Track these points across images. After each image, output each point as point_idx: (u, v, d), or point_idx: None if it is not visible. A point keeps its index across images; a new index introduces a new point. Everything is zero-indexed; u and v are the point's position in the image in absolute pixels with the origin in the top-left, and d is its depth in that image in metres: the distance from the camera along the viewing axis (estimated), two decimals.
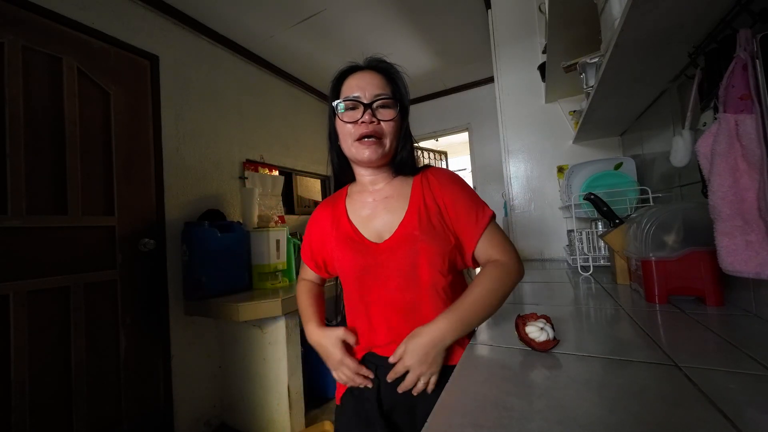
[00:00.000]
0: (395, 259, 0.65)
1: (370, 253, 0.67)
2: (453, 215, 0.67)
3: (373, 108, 0.66)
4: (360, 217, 0.72)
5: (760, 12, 0.52)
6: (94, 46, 1.56)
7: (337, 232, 0.72)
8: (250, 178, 2.28)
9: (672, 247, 0.74)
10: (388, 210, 0.70)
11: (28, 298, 1.29)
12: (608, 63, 0.76)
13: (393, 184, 0.74)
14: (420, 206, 0.68)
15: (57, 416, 1.34)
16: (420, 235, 0.65)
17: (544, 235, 1.68)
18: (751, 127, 0.48)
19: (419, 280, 0.65)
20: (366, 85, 0.67)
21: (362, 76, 0.69)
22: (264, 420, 1.72)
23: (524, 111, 1.74)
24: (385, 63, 0.71)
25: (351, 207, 0.75)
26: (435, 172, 0.74)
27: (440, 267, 0.64)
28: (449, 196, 0.68)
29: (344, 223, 0.73)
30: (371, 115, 0.66)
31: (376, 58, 0.72)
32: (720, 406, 0.35)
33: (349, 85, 0.69)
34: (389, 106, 0.68)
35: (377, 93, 0.67)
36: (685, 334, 0.57)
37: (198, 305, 1.71)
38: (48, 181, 1.38)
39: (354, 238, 0.70)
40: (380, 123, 0.67)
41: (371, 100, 0.66)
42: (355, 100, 0.67)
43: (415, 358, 0.58)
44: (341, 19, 2.12)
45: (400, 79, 0.71)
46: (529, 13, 1.72)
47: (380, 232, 0.69)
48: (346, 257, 0.69)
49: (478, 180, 3.21)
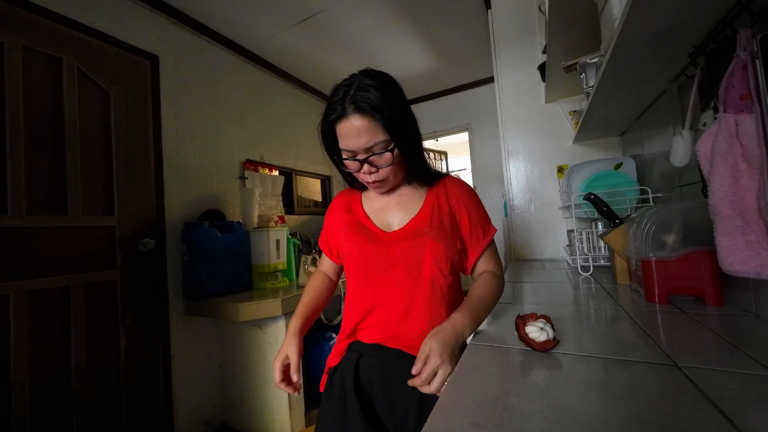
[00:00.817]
0: (401, 249, 0.68)
1: (377, 240, 0.70)
2: (464, 223, 0.72)
3: (369, 161, 0.66)
4: (373, 208, 0.77)
5: (760, 12, 0.52)
6: (94, 46, 1.56)
7: (349, 218, 0.76)
8: (250, 178, 2.28)
9: (672, 247, 0.74)
10: (402, 206, 0.74)
11: (28, 298, 1.29)
12: (608, 63, 0.76)
13: (409, 187, 0.77)
14: (434, 207, 0.72)
15: (57, 416, 1.34)
16: (429, 232, 0.68)
17: (544, 235, 1.67)
18: (751, 127, 0.48)
19: (421, 274, 0.67)
20: (356, 138, 0.63)
21: (349, 129, 0.63)
22: (264, 420, 1.72)
23: (524, 111, 1.74)
24: (370, 99, 0.61)
25: (366, 199, 0.79)
26: (453, 181, 0.77)
27: (443, 266, 0.67)
28: (464, 205, 0.73)
29: (357, 210, 0.77)
30: (369, 167, 0.66)
31: (361, 94, 0.62)
32: (720, 406, 0.35)
33: (341, 133, 0.65)
34: (384, 151, 0.65)
35: (368, 146, 0.64)
36: (685, 334, 0.57)
37: (198, 305, 1.71)
38: (48, 181, 1.38)
39: (364, 225, 0.74)
40: (379, 170, 0.67)
41: (365, 155, 0.65)
42: (349, 156, 0.66)
43: (445, 356, 0.54)
44: (341, 19, 2.12)
45: (389, 105, 0.63)
46: (529, 13, 1.72)
47: (391, 224, 0.73)
48: (352, 240, 0.72)
49: (478, 180, 3.21)
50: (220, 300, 1.65)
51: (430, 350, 0.55)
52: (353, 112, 0.63)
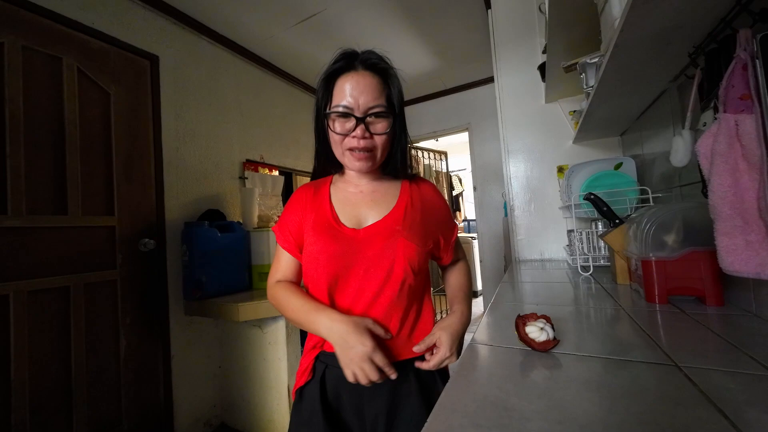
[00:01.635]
0: (372, 249, 0.64)
1: (346, 241, 0.64)
2: (435, 225, 0.72)
3: (366, 122, 0.63)
4: (342, 204, 0.70)
5: (760, 12, 0.52)
6: (94, 46, 1.56)
7: (316, 215, 0.68)
8: (250, 178, 2.28)
9: (672, 247, 0.74)
10: (374, 202, 0.70)
11: (28, 298, 1.29)
12: (608, 63, 0.76)
13: (382, 182, 0.74)
14: (408, 204, 0.70)
15: (57, 416, 1.34)
16: (402, 231, 0.65)
17: (544, 235, 1.67)
18: (751, 127, 0.48)
19: (392, 274, 0.63)
20: (360, 94, 0.62)
21: (357, 80, 0.63)
22: (264, 420, 1.72)
23: (524, 111, 1.74)
24: (384, 63, 0.66)
25: (335, 193, 0.72)
26: (426, 183, 0.79)
27: (414, 265, 0.64)
28: (437, 207, 0.75)
29: (324, 207, 0.69)
30: (364, 129, 0.62)
31: (375, 56, 0.66)
32: (720, 406, 0.35)
33: (341, 88, 0.63)
34: (384, 117, 0.64)
35: (371, 105, 0.62)
36: (685, 334, 0.57)
37: (198, 305, 1.71)
38: (48, 181, 1.38)
39: (332, 224, 0.66)
40: (373, 137, 0.64)
41: (364, 113, 0.62)
42: (346, 111, 0.62)
43: (454, 348, 0.63)
44: (341, 19, 2.12)
45: (397, 81, 0.67)
46: (529, 13, 1.72)
47: (360, 220, 0.68)
48: (319, 241, 0.65)
49: (478, 180, 3.20)
50: (220, 300, 1.65)
51: (440, 341, 0.61)
52: (363, 69, 0.64)
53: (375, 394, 0.63)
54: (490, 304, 0.84)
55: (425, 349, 0.62)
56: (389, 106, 0.65)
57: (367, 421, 0.64)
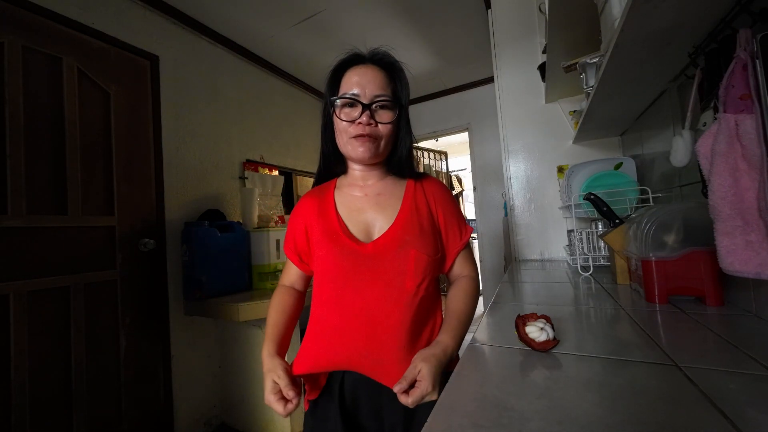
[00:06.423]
0: (383, 262, 0.63)
1: (357, 255, 0.64)
2: (441, 223, 0.70)
3: (372, 109, 0.65)
4: (348, 211, 0.70)
5: (760, 12, 0.52)
6: (94, 46, 1.56)
7: (323, 225, 0.68)
8: (250, 178, 2.28)
9: (672, 247, 0.74)
10: (380, 207, 0.69)
11: (28, 298, 1.29)
12: (608, 63, 0.76)
13: (386, 182, 0.73)
14: (412, 208, 0.68)
15: (57, 416, 1.34)
16: (412, 240, 0.64)
17: (544, 235, 1.67)
18: (751, 127, 0.48)
19: (403, 287, 0.62)
20: (367, 83, 0.64)
21: (364, 71, 0.66)
22: (264, 420, 1.72)
23: (524, 111, 1.74)
24: (390, 58, 0.69)
25: (340, 199, 0.72)
26: (431, 180, 0.75)
27: (426, 276, 0.64)
28: (442, 206, 0.71)
29: (331, 216, 0.69)
30: (369, 117, 0.64)
31: (381, 52, 0.69)
32: (720, 406, 0.35)
33: (349, 79, 0.66)
34: (389, 108, 0.66)
35: (377, 93, 0.64)
36: (685, 334, 0.57)
37: (198, 305, 1.71)
38: (48, 181, 1.38)
39: (340, 234, 0.66)
40: (378, 125, 0.65)
41: (371, 100, 0.64)
42: (353, 99, 0.64)
43: (436, 383, 0.54)
44: (341, 19, 2.12)
45: (403, 77, 0.69)
46: (529, 13, 1.72)
47: (369, 230, 0.68)
48: (330, 255, 0.65)
49: (478, 180, 3.20)
50: (220, 300, 1.65)
51: (421, 375, 0.53)
52: (373, 63, 0.67)
53: (394, 398, 0.61)
54: (490, 304, 0.84)
55: (407, 386, 0.53)
56: (395, 99, 0.67)
57: (385, 423, 0.64)
